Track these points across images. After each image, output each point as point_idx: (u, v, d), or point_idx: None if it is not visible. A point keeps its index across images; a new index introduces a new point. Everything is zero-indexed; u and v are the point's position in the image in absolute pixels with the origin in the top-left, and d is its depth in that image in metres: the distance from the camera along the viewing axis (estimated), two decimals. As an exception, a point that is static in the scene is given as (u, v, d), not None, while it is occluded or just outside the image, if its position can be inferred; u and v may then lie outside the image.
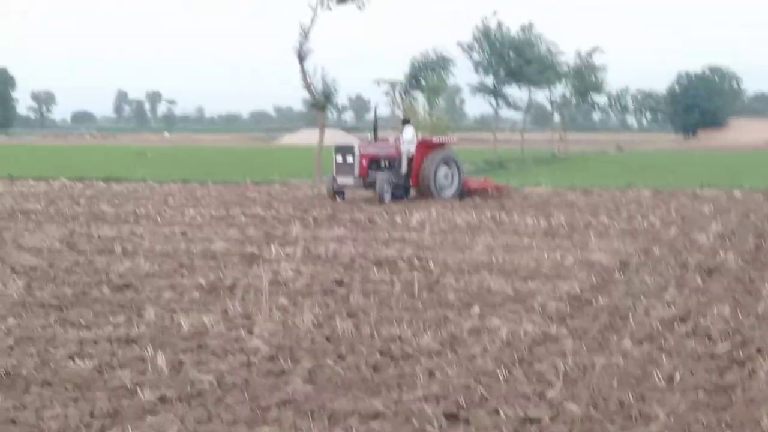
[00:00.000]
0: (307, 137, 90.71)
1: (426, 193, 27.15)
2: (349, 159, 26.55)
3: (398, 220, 21.08)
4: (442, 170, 27.43)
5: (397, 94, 48.69)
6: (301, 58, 36.61)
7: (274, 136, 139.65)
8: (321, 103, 37.37)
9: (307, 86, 37.25)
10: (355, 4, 37.30)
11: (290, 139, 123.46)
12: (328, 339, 9.66)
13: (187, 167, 44.04)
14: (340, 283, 12.89)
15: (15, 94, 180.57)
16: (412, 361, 8.81)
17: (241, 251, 15.91)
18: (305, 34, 36.37)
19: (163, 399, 7.65)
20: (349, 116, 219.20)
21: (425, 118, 43.08)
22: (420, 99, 47.50)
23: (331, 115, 42.59)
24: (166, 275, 13.52)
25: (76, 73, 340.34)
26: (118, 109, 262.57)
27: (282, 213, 22.59)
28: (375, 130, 28.71)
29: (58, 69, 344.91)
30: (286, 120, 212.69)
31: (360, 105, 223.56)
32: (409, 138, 27.42)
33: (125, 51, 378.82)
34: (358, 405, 7.49)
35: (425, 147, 27.79)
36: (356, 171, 26.49)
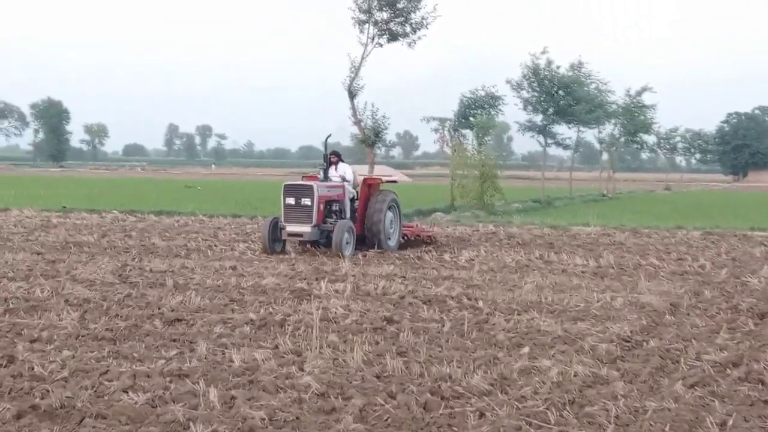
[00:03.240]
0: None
1: (374, 242, 22.62)
2: (306, 201, 21.56)
3: (447, 257, 21.09)
4: (389, 216, 22.95)
5: (446, 132, 48.77)
6: (352, 94, 36.86)
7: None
8: (370, 139, 37.52)
9: (357, 122, 37.48)
10: (406, 41, 37.58)
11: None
12: (378, 377, 9.69)
13: (235, 201, 44.26)
14: (389, 320, 12.91)
15: (69, 127, 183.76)
16: (462, 401, 8.81)
17: (291, 287, 15.99)
18: (356, 70, 36.63)
19: (215, 434, 7.72)
20: (397, 152, 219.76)
21: (473, 155, 42.98)
22: (469, 136, 47.46)
23: (379, 150, 42.76)
24: (217, 310, 13.62)
25: (129, 107, 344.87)
26: (168, 142, 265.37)
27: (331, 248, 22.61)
28: (327, 166, 23.01)
29: (112, 102, 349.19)
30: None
31: (408, 141, 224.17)
32: (349, 177, 23.19)
33: (177, 86, 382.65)
34: (409, 444, 7.50)
35: (369, 187, 23.37)
36: (314, 217, 21.55)
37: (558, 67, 55.59)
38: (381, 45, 37.83)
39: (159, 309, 13.54)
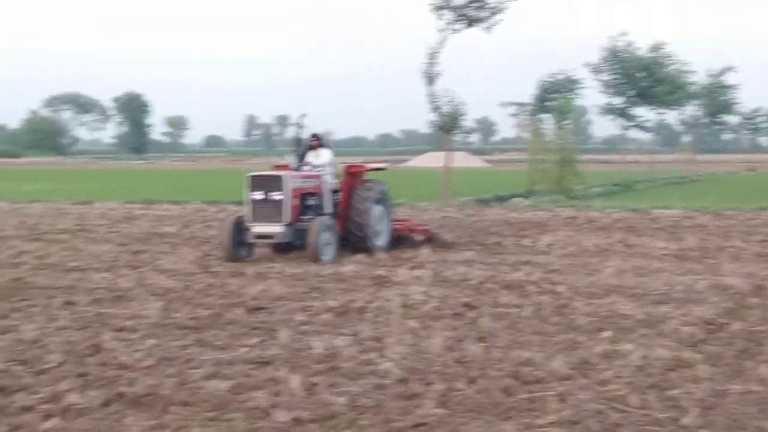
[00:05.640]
0: (433, 160, 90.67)
1: (358, 242, 18.79)
2: (276, 196, 17.86)
3: (526, 242, 21.00)
4: (377, 210, 19.17)
5: (523, 116, 48.59)
6: (429, 80, 36.72)
7: (400, 158, 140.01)
8: (448, 126, 37.37)
9: (435, 109, 37.35)
10: (482, 26, 37.33)
11: (416, 161, 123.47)
12: (458, 362, 9.70)
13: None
14: (469, 306, 12.91)
15: (150, 120, 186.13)
16: (542, 385, 8.79)
17: (371, 273, 16.07)
18: (433, 56, 36.50)
19: (297, 420, 7.80)
20: (475, 138, 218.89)
21: (552, 140, 42.73)
22: (547, 121, 47.24)
23: (458, 137, 42.58)
24: (298, 298, 13.73)
25: (208, 99, 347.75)
26: (247, 133, 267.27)
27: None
28: (303, 152, 19.38)
29: (191, 95, 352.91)
30: (412, 142, 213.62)
31: (486, 127, 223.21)
32: (328, 165, 19.40)
33: (255, 76, 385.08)
34: (489, 429, 7.52)
35: (352, 177, 19.46)
36: (286, 214, 17.87)
37: (638, 49, 54.99)
38: (458, 30, 37.62)
39: (241, 298, 13.69)
